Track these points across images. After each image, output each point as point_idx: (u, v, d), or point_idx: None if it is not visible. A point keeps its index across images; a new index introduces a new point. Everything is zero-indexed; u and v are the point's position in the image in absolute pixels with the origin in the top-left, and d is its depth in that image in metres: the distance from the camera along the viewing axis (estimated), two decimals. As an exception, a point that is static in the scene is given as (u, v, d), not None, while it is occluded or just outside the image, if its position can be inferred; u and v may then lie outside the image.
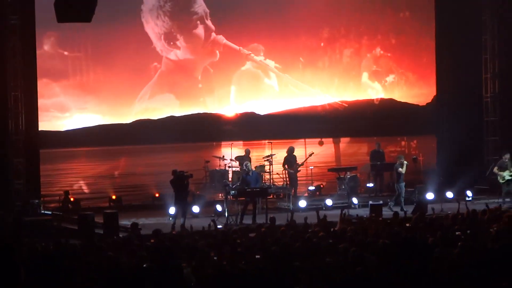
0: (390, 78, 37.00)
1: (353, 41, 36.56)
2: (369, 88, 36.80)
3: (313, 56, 36.07)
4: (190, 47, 34.13)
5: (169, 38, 33.85)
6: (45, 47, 32.11)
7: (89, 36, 32.03)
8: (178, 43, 33.97)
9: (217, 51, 34.40)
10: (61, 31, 30.96)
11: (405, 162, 31.00)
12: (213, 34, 34.35)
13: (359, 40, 36.57)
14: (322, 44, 36.39)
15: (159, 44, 33.73)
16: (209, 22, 34.14)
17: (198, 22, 34.11)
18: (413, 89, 37.10)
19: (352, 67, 36.60)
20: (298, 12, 35.38)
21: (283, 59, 35.66)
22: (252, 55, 34.99)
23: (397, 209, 28.40)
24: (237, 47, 34.73)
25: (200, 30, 34.11)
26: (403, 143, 37.62)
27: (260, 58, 35.34)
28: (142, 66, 33.57)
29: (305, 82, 35.83)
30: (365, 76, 36.76)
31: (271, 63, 35.53)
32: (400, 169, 30.68)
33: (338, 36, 36.24)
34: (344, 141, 37.15)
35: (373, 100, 36.97)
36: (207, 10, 34.12)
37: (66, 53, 32.34)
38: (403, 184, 30.73)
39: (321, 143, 35.49)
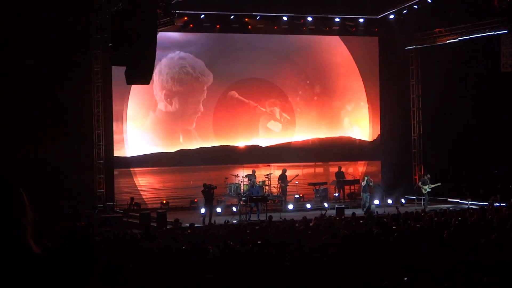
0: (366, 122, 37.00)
1: (336, 97, 36.38)
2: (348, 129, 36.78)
3: (308, 107, 35.91)
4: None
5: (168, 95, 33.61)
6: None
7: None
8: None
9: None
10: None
11: (367, 179, 30.91)
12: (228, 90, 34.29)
13: (340, 97, 36.42)
14: (315, 98, 36.12)
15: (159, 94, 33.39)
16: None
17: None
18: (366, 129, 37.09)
19: (335, 114, 36.42)
20: (299, 76, 35.35)
21: (287, 110, 35.51)
22: (259, 106, 34.79)
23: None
24: (246, 101, 34.55)
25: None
26: (363, 166, 37.29)
27: (272, 108, 35.15)
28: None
29: (298, 125, 35.68)
30: (346, 121, 36.69)
31: (282, 112, 35.42)
32: (362, 183, 30.77)
33: (327, 91, 36.08)
34: (319, 165, 36.87)
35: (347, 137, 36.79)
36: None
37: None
38: (365, 194, 30.63)
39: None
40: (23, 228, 4.33)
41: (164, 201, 31.74)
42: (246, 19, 33.16)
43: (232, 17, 32.56)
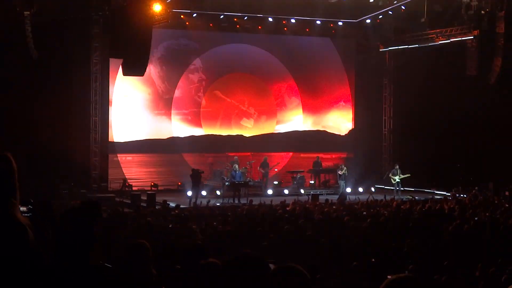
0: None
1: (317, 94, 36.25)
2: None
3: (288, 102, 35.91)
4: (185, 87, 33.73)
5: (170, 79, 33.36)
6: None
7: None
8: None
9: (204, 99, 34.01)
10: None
11: (345, 169, 30.90)
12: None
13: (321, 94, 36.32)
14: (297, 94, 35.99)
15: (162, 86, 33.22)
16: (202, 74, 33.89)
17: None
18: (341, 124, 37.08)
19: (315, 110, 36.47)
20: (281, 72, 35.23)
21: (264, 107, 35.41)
22: (240, 106, 34.77)
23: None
24: (228, 99, 34.46)
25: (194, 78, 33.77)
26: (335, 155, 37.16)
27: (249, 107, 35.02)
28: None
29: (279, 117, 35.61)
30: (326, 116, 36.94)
31: (251, 109, 35.15)
32: (339, 172, 30.66)
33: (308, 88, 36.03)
34: (299, 155, 36.67)
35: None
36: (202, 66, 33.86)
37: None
38: (342, 182, 30.64)
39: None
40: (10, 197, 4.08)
41: (153, 183, 31.41)
42: (235, 19, 32.93)
43: (221, 16, 32.31)
